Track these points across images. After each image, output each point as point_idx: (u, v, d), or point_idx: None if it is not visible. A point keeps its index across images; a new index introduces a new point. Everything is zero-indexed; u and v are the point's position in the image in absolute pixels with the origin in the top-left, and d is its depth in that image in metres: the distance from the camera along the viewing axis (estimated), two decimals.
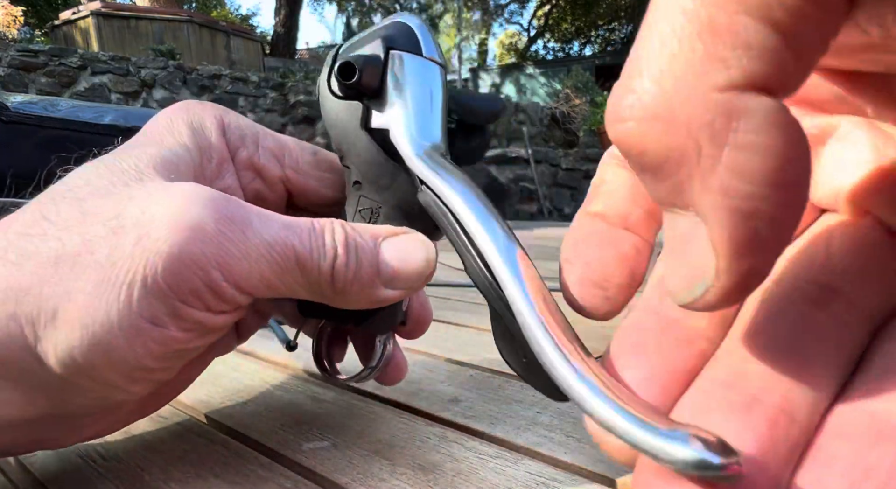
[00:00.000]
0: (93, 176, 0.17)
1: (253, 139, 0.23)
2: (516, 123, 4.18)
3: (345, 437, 0.24)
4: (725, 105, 0.08)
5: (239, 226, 0.16)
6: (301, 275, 0.17)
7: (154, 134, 0.20)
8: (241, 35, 6.09)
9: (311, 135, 3.54)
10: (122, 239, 0.15)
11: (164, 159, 0.19)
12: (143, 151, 0.19)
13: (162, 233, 0.15)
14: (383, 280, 0.19)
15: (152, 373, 0.17)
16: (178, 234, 0.15)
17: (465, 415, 0.26)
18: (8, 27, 4.95)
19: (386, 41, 0.21)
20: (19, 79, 2.99)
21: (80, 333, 0.15)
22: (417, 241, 0.19)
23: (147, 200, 0.16)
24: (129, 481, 0.20)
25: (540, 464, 0.22)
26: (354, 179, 0.22)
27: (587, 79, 5.24)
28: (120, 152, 0.19)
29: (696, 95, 0.08)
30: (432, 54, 0.22)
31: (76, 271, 0.15)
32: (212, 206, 0.16)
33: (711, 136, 0.08)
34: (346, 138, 0.21)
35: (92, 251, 0.15)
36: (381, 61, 0.21)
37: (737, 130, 0.08)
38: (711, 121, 0.08)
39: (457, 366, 0.34)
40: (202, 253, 0.16)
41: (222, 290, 0.16)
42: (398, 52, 0.21)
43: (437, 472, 0.21)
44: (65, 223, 0.16)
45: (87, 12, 5.02)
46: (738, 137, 0.08)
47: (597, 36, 12.13)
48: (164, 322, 0.16)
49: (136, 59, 3.33)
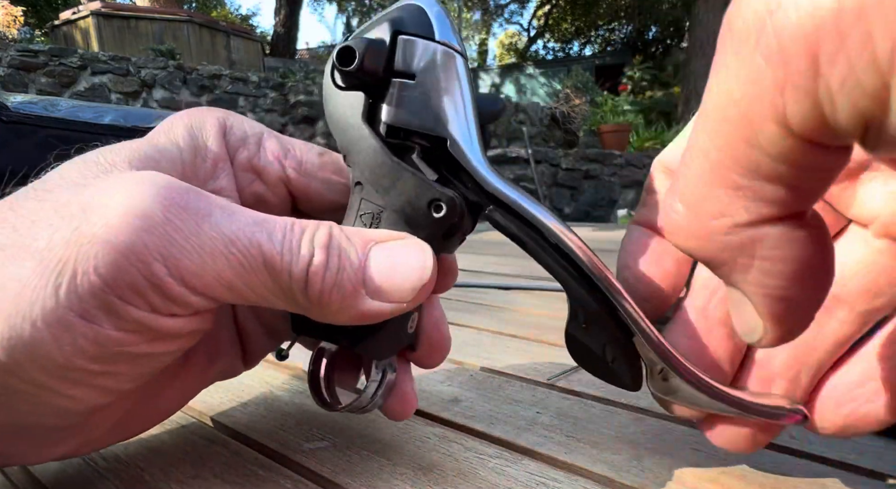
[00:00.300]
0: (68, 170, 0.16)
1: (255, 140, 0.22)
2: (516, 123, 4.18)
3: (345, 437, 0.24)
4: (748, 234, 0.11)
5: (193, 216, 0.15)
6: (270, 279, 0.16)
7: (150, 134, 0.20)
8: (241, 35, 6.08)
9: (311, 134, 3.54)
10: (62, 224, 0.14)
11: (145, 155, 0.18)
12: (126, 147, 0.18)
13: (102, 219, 0.14)
14: (369, 290, 0.17)
15: (93, 376, 0.15)
16: (119, 221, 0.14)
17: (465, 415, 0.26)
18: (8, 27, 4.95)
19: (393, 24, 0.18)
20: (19, 79, 2.99)
21: (2, 326, 0.14)
22: (414, 248, 0.17)
23: (99, 188, 0.15)
24: (129, 481, 0.20)
25: (540, 464, 0.22)
26: (356, 180, 0.19)
27: (587, 79, 5.25)
28: (104, 148, 0.18)
29: (725, 228, 0.11)
30: (447, 39, 0.19)
31: (17, 259, 0.14)
32: (164, 194, 0.15)
33: (742, 253, 0.11)
34: (346, 132, 0.19)
35: (35, 238, 0.14)
36: (386, 46, 0.18)
37: (759, 248, 0.11)
38: (740, 244, 0.11)
39: (457, 366, 0.34)
40: (143, 243, 0.14)
41: (167, 287, 0.15)
42: (407, 36, 0.18)
43: (437, 472, 0.21)
44: (25, 213, 0.15)
45: (87, 12, 5.02)
46: (761, 252, 0.11)
47: (597, 36, 12.12)
48: (97, 318, 0.14)
49: (136, 59, 3.33)
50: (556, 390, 0.29)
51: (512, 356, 0.35)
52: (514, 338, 0.40)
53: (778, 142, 0.09)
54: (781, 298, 0.12)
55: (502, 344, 0.38)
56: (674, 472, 0.21)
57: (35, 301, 0.14)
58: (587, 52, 11.92)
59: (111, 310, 0.14)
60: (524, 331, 0.41)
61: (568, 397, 0.28)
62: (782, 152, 0.09)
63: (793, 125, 0.09)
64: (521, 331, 0.41)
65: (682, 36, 11.46)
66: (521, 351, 0.37)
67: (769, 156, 0.10)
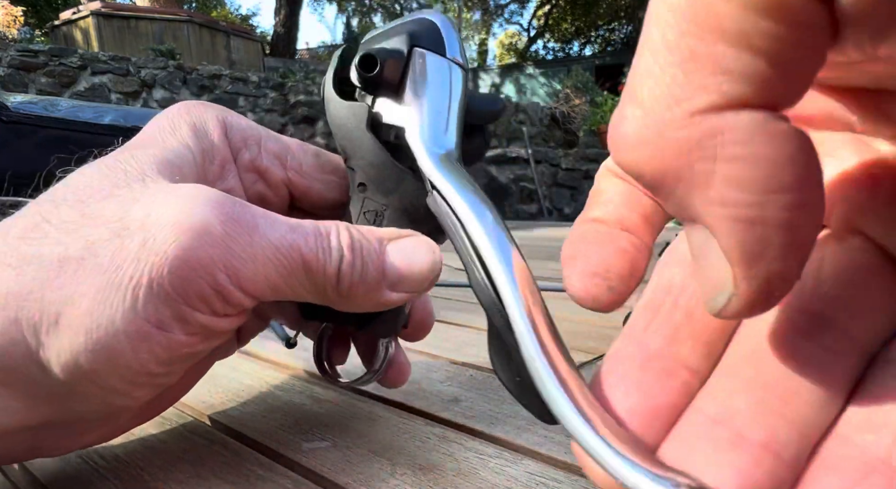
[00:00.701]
0: (94, 177, 0.17)
1: (255, 141, 0.22)
2: (516, 123, 4.18)
3: (345, 437, 0.24)
4: (709, 124, 0.08)
5: (245, 228, 0.16)
6: (307, 278, 0.17)
7: (155, 134, 0.20)
8: (241, 35, 6.09)
9: (311, 134, 3.54)
10: (126, 242, 0.15)
11: (167, 160, 0.18)
12: (145, 152, 0.18)
13: (168, 235, 0.15)
14: (389, 283, 0.18)
15: (156, 377, 0.17)
16: (184, 237, 0.15)
17: (465, 415, 0.26)
18: (8, 27, 4.95)
19: (411, 38, 0.20)
20: (19, 79, 2.99)
21: (84, 339, 0.15)
22: (423, 244, 0.19)
23: (152, 202, 0.16)
24: (128, 481, 0.20)
25: (540, 464, 0.22)
26: (359, 182, 0.21)
27: (587, 79, 5.25)
28: (121, 153, 0.19)
29: (679, 119, 0.09)
30: (455, 55, 0.21)
31: (79, 275, 0.15)
32: (218, 208, 0.16)
33: (701, 154, 0.09)
34: (350, 140, 0.21)
35: (96, 254, 0.15)
36: (404, 57, 0.20)
37: (723, 145, 0.08)
38: (699, 140, 0.08)
39: (457, 366, 0.34)
40: (209, 256, 0.15)
41: (229, 294, 0.16)
42: (422, 50, 0.20)
43: (437, 472, 0.21)
44: (66, 226, 0.16)
45: (87, 12, 5.02)
46: (725, 151, 0.08)
47: (597, 36, 12.13)
48: (171, 326, 0.16)
49: (136, 59, 3.33)
50: None
51: None
52: None
53: None
54: (753, 222, 0.09)
55: None
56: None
57: (114, 314, 0.15)
58: (587, 52, 11.92)
59: (182, 318, 0.16)
60: None
61: None
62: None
63: None
64: None
65: None
66: None
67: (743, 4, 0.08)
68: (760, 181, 0.08)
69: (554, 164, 3.98)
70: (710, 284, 0.10)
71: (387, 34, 0.21)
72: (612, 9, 10.90)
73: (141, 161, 0.18)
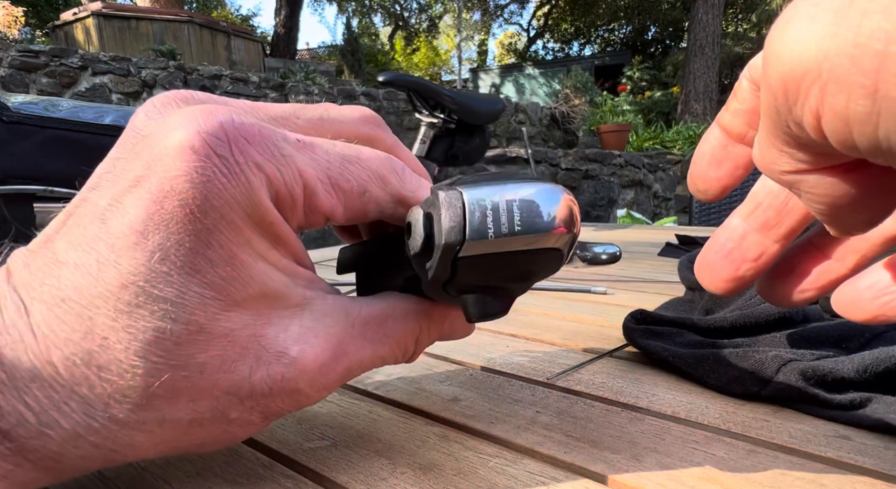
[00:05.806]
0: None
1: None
2: (516, 123, 4.18)
3: (345, 437, 0.24)
4: (794, 178, 0.13)
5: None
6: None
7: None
8: (242, 35, 6.09)
9: None
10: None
11: None
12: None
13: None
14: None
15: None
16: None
17: (465, 415, 0.26)
18: (9, 27, 4.95)
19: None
20: (20, 79, 2.99)
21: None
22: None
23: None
24: (128, 481, 0.21)
25: (539, 463, 0.22)
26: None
27: (586, 79, 5.25)
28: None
29: (778, 171, 0.13)
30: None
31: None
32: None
33: (793, 187, 0.13)
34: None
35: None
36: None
37: (803, 187, 0.13)
38: (790, 182, 0.13)
39: (457, 366, 0.34)
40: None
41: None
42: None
43: (437, 472, 0.21)
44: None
45: (88, 13, 5.02)
46: (805, 190, 0.13)
47: (596, 36, 12.13)
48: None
49: (136, 60, 3.34)
50: (556, 390, 0.29)
51: (512, 356, 0.35)
52: (513, 338, 0.40)
53: (798, 134, 0.12)
54: (829, 218, 0.14)
55: (502, 343, 0.38)
56: (673, 472, 0.21)
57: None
58: (587, 53, 11.92)
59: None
60: (524, 331, 0.41)
61: (567, 397, 0.29)
62: (801, 143, 0.12)
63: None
64: (521, 331, 0.41)
65: (681, 36, 11.45)
66: (521, 350, 0.37)
67: (796, 138, 0.12)
68: (828, 205, 0.13)
69: (553, 164, 3.98)
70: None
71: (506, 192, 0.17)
72: (611, 9, 10.89)
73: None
